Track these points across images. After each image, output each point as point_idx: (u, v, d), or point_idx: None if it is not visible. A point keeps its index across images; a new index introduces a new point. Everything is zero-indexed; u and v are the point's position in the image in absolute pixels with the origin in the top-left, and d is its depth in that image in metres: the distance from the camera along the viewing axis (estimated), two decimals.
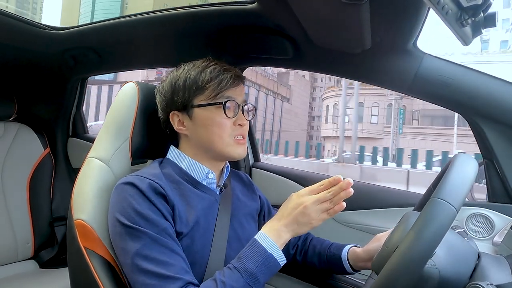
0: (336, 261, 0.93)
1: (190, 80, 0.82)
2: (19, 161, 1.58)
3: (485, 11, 0.64)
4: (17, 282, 1.41)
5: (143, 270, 0.68)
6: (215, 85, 0.81)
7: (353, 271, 0.93)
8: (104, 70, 1.75)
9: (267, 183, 1.41)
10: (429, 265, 0.59)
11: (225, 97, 0.81)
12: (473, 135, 1.05)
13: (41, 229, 1.61)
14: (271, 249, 0.71)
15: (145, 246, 0.69)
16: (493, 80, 0.97)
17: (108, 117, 0.90)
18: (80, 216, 0.80)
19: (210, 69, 0.82)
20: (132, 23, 1.27)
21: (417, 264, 0.54)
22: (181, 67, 0.86)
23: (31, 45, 1.51)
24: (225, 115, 0.81)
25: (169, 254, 0.70)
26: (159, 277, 0.67)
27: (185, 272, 0.70)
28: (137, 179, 0.75)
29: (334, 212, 0.72)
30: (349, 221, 1.22)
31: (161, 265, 0.68)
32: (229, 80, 0.81)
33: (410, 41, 0.95)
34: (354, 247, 0.94)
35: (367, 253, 0.89)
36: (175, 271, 0.68)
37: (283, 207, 0.76)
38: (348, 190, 0.70)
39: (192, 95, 0.82)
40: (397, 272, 0.54)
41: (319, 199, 0.72)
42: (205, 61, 0.84)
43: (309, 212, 0.71)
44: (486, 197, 1.06)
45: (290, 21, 0.96)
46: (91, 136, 1.88)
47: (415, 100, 22.86)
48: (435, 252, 0.55)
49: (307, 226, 0.73)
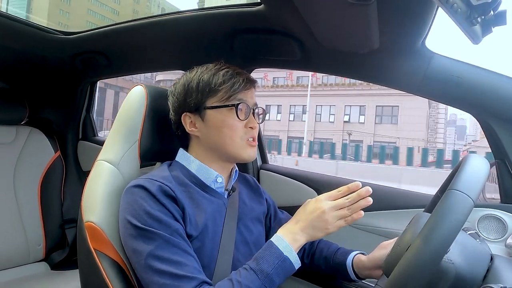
0: (341, 268, 0.93)
1: (203, 82, 0.83)
2: (30, 164, 1.60)
3: (495, 9, 0.63)
4: (29, 283, 1.43)
5: (157, 271, 0.69)
6: (227, 87, 0.82)
7: (358, 279, 0.92)
8: (113, 73, 1.77)
9: (275, 185, 1.40)
10: (446, 259, 0.58)
11: (237, 100, 0.82)
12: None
13: (52, 231, 1.63)
14: (287, 252, 0.72)
15: (158, 247, 0.70)
16: (504, 79, 0.95)
17: (117, 120, 0.91)
18: (90, 218, 0.81)
19: (223, 72, 0.83)
20: (141, 27, 1.28)
21: (434, 257, 0.53)
22: (194, 70, 0.87)
23: (41, 50, 1.54)
24: (237, 117, 0.82)
25: (182, 254, 0.71)
26: (174, 277, 0.68)
27: (198, 272, 0.71)
28: (147, 182, 0.75)
29: (351, 220, 0.73)
30: (358, 222, 1.20)
31: (175, 265, 0.69)
32: (242, 83, 0.82)
33: (418, 40, 0.94)
34: (359, 255, 0.93)
35: (372, 261, 0.88)
36: (189, 271, 0.69)
37: (300, 210, 0.77)
38: (367, 199, 0.71)
39: (205, 97, 0.83)
40: (413, 267, 0.53)
41: (337, 205, 0.72)
42: (218, 65, 0.86)
43: (326, 218, 0.72)
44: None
45: (297, 22, 0.96)
46: (101, 139, 1.90)
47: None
48: (449, 250, 0.54)
49: (323, 232, 0.73)
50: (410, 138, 22.14)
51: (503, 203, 1.01)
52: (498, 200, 1.04)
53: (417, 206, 1.12)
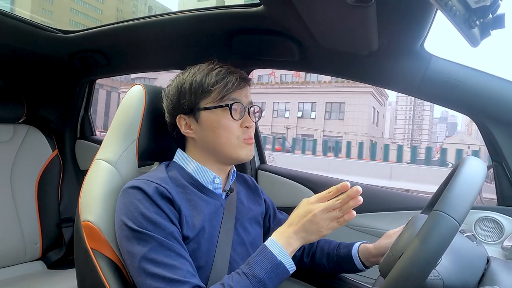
0: (347, 259, 0.93)
1: (196, 83, 0.82)
2: (28, 162, 1.60)
3: (494, 12, 0.63)
4: (25, 282, 1.42)
5: (150, 274, 0.68)
6: (220, 87, 0.81)
7: (365, 267, 0.92)
8: (112, 72, 1.77)
9: (273, 186, 1.40)
10: (432, 276, 0.58)
11: (231, 99, 0.81)
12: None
13: (49, 230, 1.62)
14: (280, 256, 0.70)
15: (152, 250, 0.69)
16: (502, 81, 0.96)
17: (115, 120, 0.91)
18: (87, 217, 0.80)
19: (216, 71, 0.82)
20: (139, 26, 1.28)
21: (419, 275, 0.53)
22: (186, 71, 0.86)
23: (40, 48, 1.54)
24: (232, 117, 0.81)
25: (176, 257, 0.70)
26: (166, 281, 0.67)
27: (192, 275, 0.70)
28: (144, 183, 0.75)
29: (344, 221, 0.71)
30: (357, 224, 1.21)
31: (168, 268, 0.68)
32: (235, 82, 0.81)
33: (417, 42, 0.95)
34: (364, 244, 0.93)
35: (378, 249, 0.88)
36: (182, 275, 0.68)
37: (293, 213, 0.75)
38: (357, 199, 0.69)
39: (198, 98, 0.82)
40: (400, 282, 0.54)
41: (327, 207, 0.71)
42: (211, 64, 0.85)
43: (317, 221, 0.71)
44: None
45: (297, 23, 0.96)
46: (99, 138, 1.90)
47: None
48: (440, 261, 0.54)
49: (316, 235, 0.72)
50: (355, 133, 23.92)
51: (500, 205, 1.01)
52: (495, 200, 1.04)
53: (414, 207, 1.12)
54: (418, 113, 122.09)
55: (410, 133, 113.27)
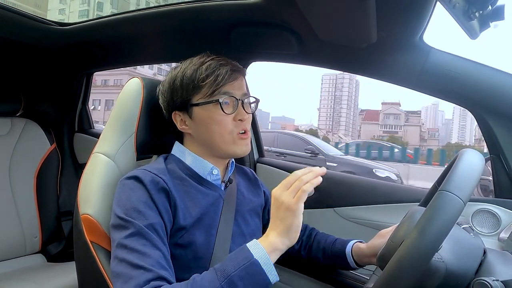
0: (341, 257, 0.94)
1: (187, 79, 0.80)
2: (26, 156, 1.60)
3: (493, 4, 0.63)
4: (25, 275, 1.43)
5: (119, 258, 0.66)
6: (211, 82, 0.79)
7: (357, 266, 0.93)
8: (110, 65, 1.76)
9: (272, 178, 1.41)
10: (436, 258, 0.58)
11: (222, 93, 0.80)
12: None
13: (49, 224, 1.63)
14: (258, 256, 0.63)
15: (128, 237, 0.68)
16: (500, 74, 0.96)
17: (113, 113, 0.91)
18: (86, 210, 0.81)
19: (206, 65, 0.80)
20: (137, 18, 1.27)
21: (423, 258, 0.53)
22: (178, 66, 0.85)
23: (37, 41, 1.52)
24: (223, 112, 0.79)
25: (150, 247, 0.67)
26: (131, 266, 0.65)
27: (160, 267, 0.66)
28: (141, 173, 0.75)
29: (310, 185, 0.64)
30: (354, 216, 1.22)
31: (137, 255, 0.66)
32: (225, 75, 0.79)
33: (416, 35, 0.94)
34: (358, 243, 0.94)
35: (371, 248, 0.89)
36: (149, 263, 0.65)
37: (272, 212, 0.69)
38: (318, 177, 0.65)
39: (190, 94, 0.81)
40: (403, 266, 0.54)
41: (285, 183, 0.66)
42: (202, 57, 0.83)
43: (282, 200, 0.65)
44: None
45: (295, 15, 0.96)
46: (97, 131, 1.90)
47: None
48: (441, 246, 0.55)
49: (289, 215, 0.64)
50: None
51: (497, 197, 1.02)
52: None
53: (412, 200, 1.13)
54: (337, 110, 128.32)
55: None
